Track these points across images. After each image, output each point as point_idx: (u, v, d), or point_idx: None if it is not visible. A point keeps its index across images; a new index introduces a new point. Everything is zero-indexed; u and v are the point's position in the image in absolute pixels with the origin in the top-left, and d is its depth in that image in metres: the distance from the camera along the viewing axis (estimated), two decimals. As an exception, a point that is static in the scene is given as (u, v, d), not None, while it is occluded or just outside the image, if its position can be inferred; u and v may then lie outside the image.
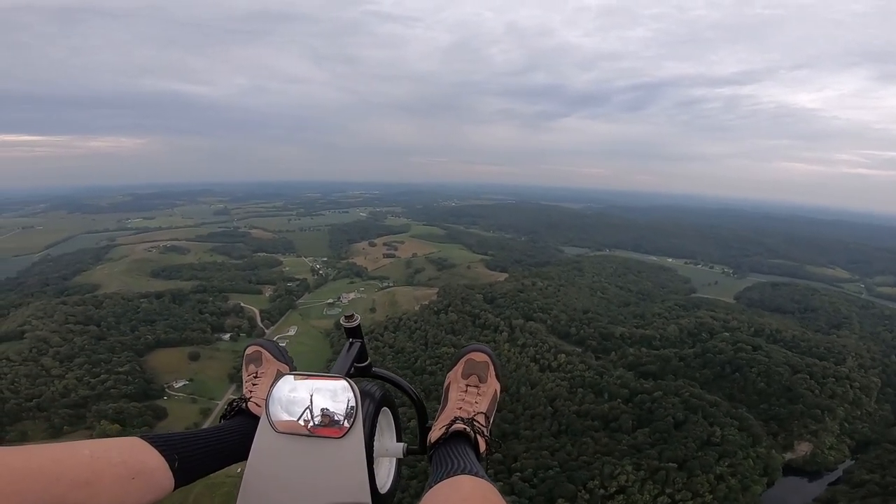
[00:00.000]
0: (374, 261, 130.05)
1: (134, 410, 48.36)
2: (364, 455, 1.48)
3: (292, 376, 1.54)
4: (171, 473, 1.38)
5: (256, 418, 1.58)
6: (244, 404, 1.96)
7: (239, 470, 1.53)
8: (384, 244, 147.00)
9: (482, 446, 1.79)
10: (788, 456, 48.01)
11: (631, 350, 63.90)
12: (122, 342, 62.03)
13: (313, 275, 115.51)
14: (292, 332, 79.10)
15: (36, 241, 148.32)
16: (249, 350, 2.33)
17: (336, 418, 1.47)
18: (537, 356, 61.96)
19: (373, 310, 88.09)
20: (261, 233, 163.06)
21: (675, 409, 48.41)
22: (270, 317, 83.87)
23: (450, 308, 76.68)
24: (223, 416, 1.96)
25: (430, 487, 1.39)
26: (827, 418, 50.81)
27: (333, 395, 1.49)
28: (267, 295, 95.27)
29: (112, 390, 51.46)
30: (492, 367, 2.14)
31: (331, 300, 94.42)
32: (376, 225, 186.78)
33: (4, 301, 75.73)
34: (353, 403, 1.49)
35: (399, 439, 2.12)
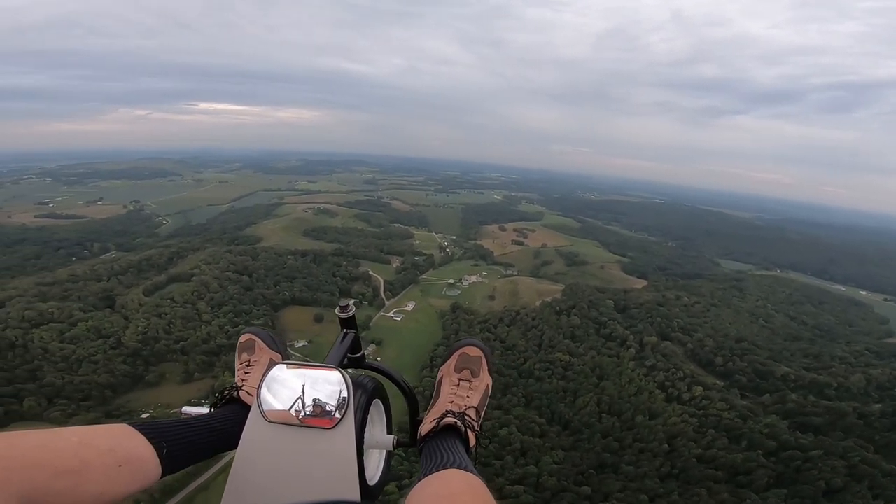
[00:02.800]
0: (501, 245, 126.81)
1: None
2: (354, 447, 1.50)
3: (285, 365, 1.55)
4: (158, 461, 1.37)
5: (248, 407, 1.61)
6: (235, 392, 1.96)
7: (229, 458, 1.54)
8: (514, 230, 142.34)
9: (472, 441, 1.80)
10: None
11: (793, 396, 52.30)
12: (265, 295, 69.51)
13: (440, 251, 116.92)
14: (410, 307, 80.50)
15: (227, 193, 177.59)
16: (242, 338, 2.33)
17: (327, 409, 1.48)
18: (666, 383, 54.59)
19: (492, 297, 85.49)
20: (400, 204, 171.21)
21: (835, 474, 38.35)
22: (393, 289, 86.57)
23: (574, 310, 70.65)
24: (214, 405, 1.94)
25: (419, 480, 1.39)
26: None
27: (326, 386, 1.50)
28: (394, 266, 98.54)
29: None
30: (485, 362, 2.15)
31: (452, 280, 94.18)
32: (509, 209, 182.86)
33: (188, 244, 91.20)
34: (345, 394, 1.50)
35: (390, 431, 2.12)
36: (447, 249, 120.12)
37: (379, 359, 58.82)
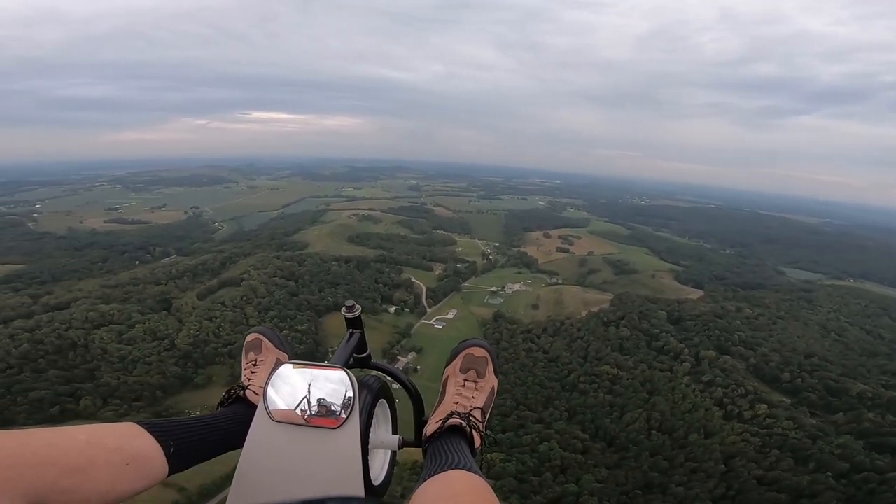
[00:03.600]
0: (546, 253, 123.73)
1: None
2: (359, 446, 1.50)
3: (291, 365, 1.55)
4: (165, 460, 1.39)
5: (254, 406, 1.63)
6: (242, 392, 1.98)
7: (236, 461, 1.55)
8: (559, 237, 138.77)
9: (477, 441, 1.80)
10: None
11: (870, 415, 48.25)
12: (309, 301, 70.68)
13: (483, 259, 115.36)
14: (451, 315, 79.77)
15: (277, 200, 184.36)
16: (249, 337, 2.35)
17: (333, 409, 1.48)
18: (725, 400, 51.92)
19: (535, 307, 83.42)
20: (443, 210, 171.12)
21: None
22: (435, 296, 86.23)
23: (623, 321, 67.76)
24: (220, 404, 1.96)
25: (424, 481, 1.39)
26: None
27: (331, 386, 1.51)
28: (436, 273, 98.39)
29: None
30: (490, 363, 2.12)
31: (494, 288, 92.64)
32: (553, 216, 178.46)
33: (239, 249, 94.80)
34: (350, 394, 1.50)
35: (395, 432, 2.16)
36: (490, 257, 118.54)
37: (419, 367, 58.53)
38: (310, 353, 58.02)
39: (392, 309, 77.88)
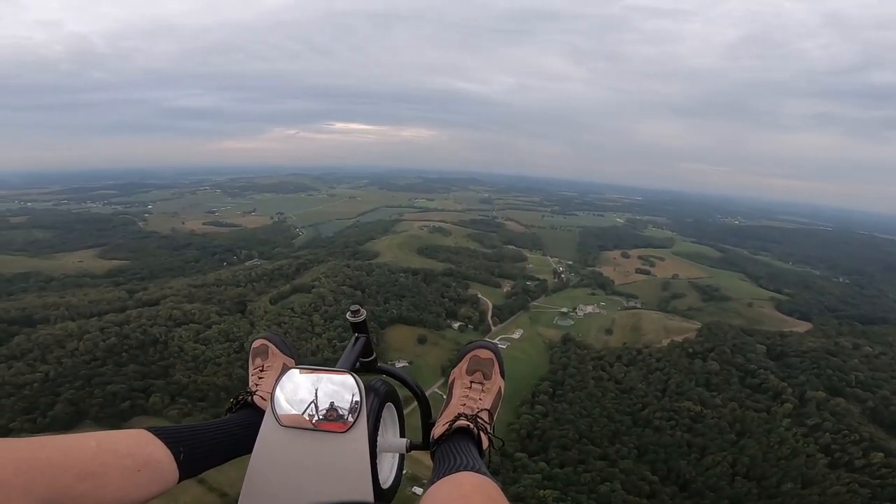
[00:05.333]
0: (623, 274, 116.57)
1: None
2: (367, 450, 1.52)
3: (298, 370, 1.58)
4: (176, 466, 1.41)
5: (262, 412, 1.67)
6: (250, 397, 2.02)
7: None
8: (639, 257, 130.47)
9: (485, 443, 1.82)
10: None
11: None
12: (373, 312, 70.57)
13: (554, 277, 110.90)
14: (517, 335, 76.39)
15: (354, 208, 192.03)
16: (256, 343, 2.40)
17: (340, 413, 1.50)
18: (833, 446, 46.79)
19: (609, 331, 78.15)
20: (514, 225, 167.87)
21: None
22: (501, 314, 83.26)
23: (712, 353, 62.03)
24: (228, 410, 2.01)
25: (432, 483, 1.40)
26: None
27: (338, 390, 1.52)
28: (504, 290, 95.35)
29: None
30: (496, 364, 2.15)
31: (565, 309, 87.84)
32: (633, 234, 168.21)
33: (314, 256, 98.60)
34: (357, 398, 1.52)
35: (402, 435, 2.17)
36: (562, 275, 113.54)
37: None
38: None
39: (456, 325, 76.14)
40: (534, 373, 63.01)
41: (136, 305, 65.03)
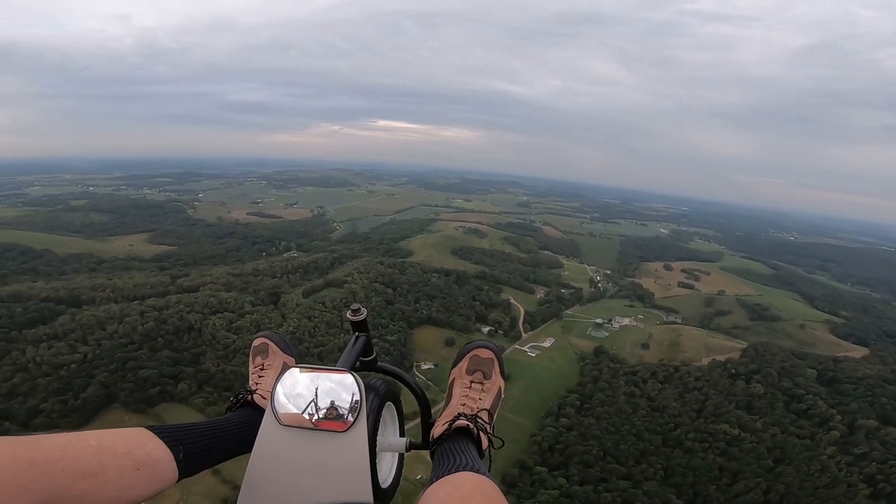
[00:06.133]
0: (664, 287, 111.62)
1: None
2: (367, 449, 1.53)
3: (298, 369, 1.59)
4: (175, 465, 1.42)
5: (262, 411, 1.67)
6: (250, 396, 2.05)
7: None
8: (683, 270, 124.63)
9: (485, 443, 1.83)
10: None
11: None
12: (403, 311, 70.83)
13: (590, 286, 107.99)
14: (548, 343, 74.41)
15: (391, 205, 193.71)
16: (256, 342, 2.43)
17: (340, 412, 1.51)
18: (878, 476, 44.27)
19: (645, 345, 75.23)
20: (552, 231, 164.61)
21: None
22: (532, 321, 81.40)
23: (757, 376, 59.46)
24: (228, 408, 2.04)
25: (432, 483, 1.41)
26: None
27: (338, 389, 1.54)
28: (538, 296, 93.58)
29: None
30: (496, 364, 2.16)
31: (600, 320, 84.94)
32: (677, 246, 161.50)
33: (348, 251, 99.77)
34: (357, 398, 1.53)
35: (402, 434, 2.17)
36: (599, 285, 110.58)
37: (502, 395, 55.34)
38: (395, 365, 57.09)
39: (485, 329, 74.99)
40: (562, 384, 61.67)
41: (176, 291, 67.30)
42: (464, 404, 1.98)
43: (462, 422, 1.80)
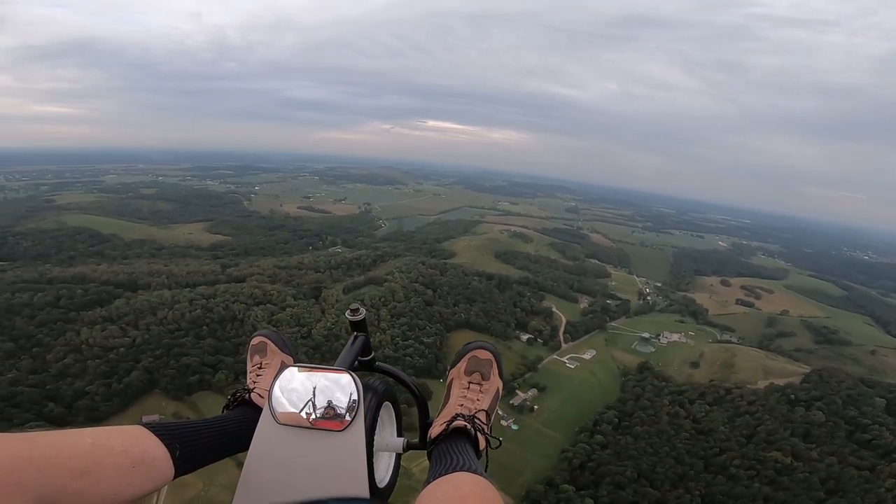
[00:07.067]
0: (721, 304, 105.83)
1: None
2: (364, 449, 1.54)
3: (296, 368, 1.59)
4: (171, 462, 1.42)
5: (259, 409, 1.67)
6: (247, 395, 2.05)
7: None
8: (742, 287, 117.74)
9: (482, 444, 1.85)
10: None
11: None
12: (441, 313, 70.03)
13: (639, 298, 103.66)
14: (588, 355, 71.63)
15: (438, 205, 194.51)
16: (254, 340, 2.41)
17: (338, 411, 1.51)
18: None
19: (695, 364, 71.42)
20: (600, 238, 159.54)
21: None
22: (574, 331, 78.63)
23: (818, 402, 55.36)
24: (226, 407, 2.04)
25: (429, 483, 1.42)
26: None
27: (336, 389, 1.54)
28: (581, 306, 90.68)
29: (407, 358, 56.79)
30: (495, 365, 2.17)
31: (647, 335, 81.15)
32: (737, 261, 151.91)
33: (392, 249, 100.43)
34: (355, 397, 1.53)
35: (399, 434, 2.18)
36: (648, 297, 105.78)
37: (536, 407, 52.66)
38: (427, 369, 57.23)
39: (524, 337, 73.15)
40: (601, 399, 59.66)
41: (225, 280, 69.83)
42: (461, 405, 1.97)
43: (460, 422, 1.81)
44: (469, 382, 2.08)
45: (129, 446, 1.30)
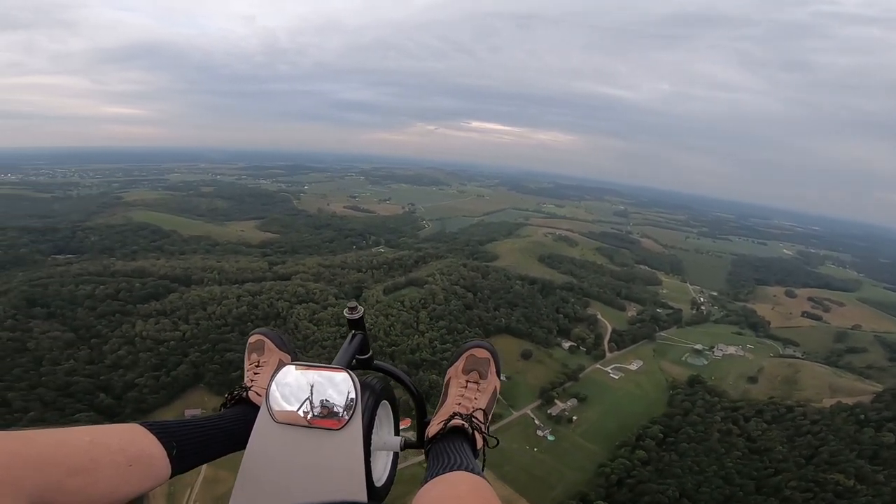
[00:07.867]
0: (784, 316, 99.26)
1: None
2: (361, 448, 1.53)
3: (294, 366, 1.57)
4: (168, 461, 1.42)
5: (257, 408, 1.65)
6: (245, 393, 2.03)
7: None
8: (809, 298, 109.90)
9: (479, 442, 1.86)
10: None
11: None
12: (481, 317, 68.91)
13: (692, 308, 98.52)
14: (634, 366, 68.52)
15: (481, 207, 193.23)
16: (252, 339, 2.39)
17: (335, 410, 1.50)
18: None
19: (752, 379, 67.57)
20: (651, 244, 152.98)
21: None
22: (620, 340, 75.38)
23: (890, 423, 51.69)
24: (223, 405, 2.02)
25: (426, 482, 1.43)
26: None
27: (334, 387, 1.53)
28: (629, 314, 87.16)
29: (444, 362, 55.56)
30: (493, 364, 2.18)
31: (700, 346, 76.79)
32: (804, 270, 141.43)
33: (434, 251, 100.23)
34: (353, 396, 1.52)
35: (397, 433, 2.20)
36: (702, 307, 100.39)
37: (575, 418, 50.72)
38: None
39: (566, 345, 70.87)
40: (646, 412, 57.24)
41: (272, 278, 72.01)
42: (459, 404, 1.97)
43: (457, 421, 1.81)
44: (467, 381, 2.08)
45: (126, 444, 1.31)
